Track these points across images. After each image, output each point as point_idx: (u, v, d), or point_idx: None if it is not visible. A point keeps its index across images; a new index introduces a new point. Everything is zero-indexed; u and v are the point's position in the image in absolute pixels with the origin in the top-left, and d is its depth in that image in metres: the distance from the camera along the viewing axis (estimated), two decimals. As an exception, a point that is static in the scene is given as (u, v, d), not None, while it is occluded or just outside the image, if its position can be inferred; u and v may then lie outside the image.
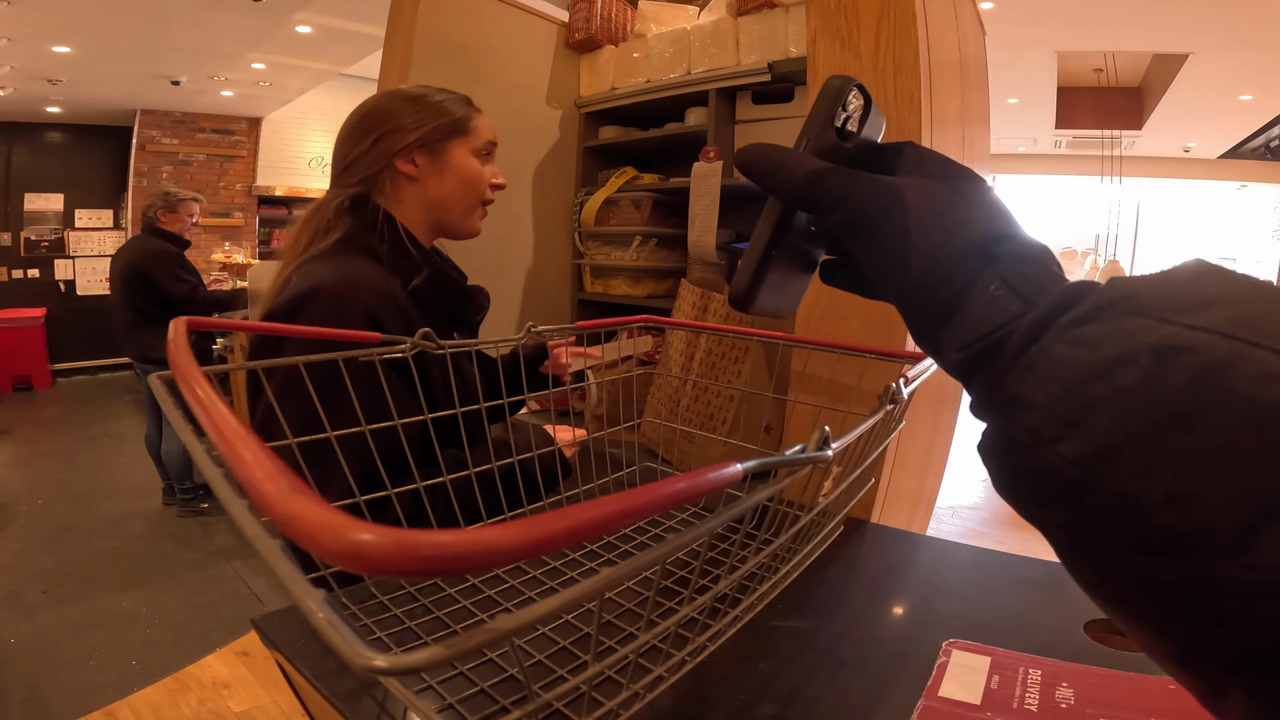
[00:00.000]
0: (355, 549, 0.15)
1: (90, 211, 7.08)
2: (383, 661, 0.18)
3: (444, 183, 0.98)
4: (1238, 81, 5.80)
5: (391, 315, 0.85)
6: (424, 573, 0.16)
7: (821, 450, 0.33)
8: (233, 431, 0.21)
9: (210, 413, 0.22)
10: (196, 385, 0.26)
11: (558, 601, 0.20)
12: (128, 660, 2.39)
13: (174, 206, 3.36)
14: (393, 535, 0.15)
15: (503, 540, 0.16)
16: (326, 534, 0.16)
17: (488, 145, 1.02)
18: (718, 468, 0.24)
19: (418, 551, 0.15)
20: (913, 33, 0.76)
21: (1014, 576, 0.67)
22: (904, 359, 0.69)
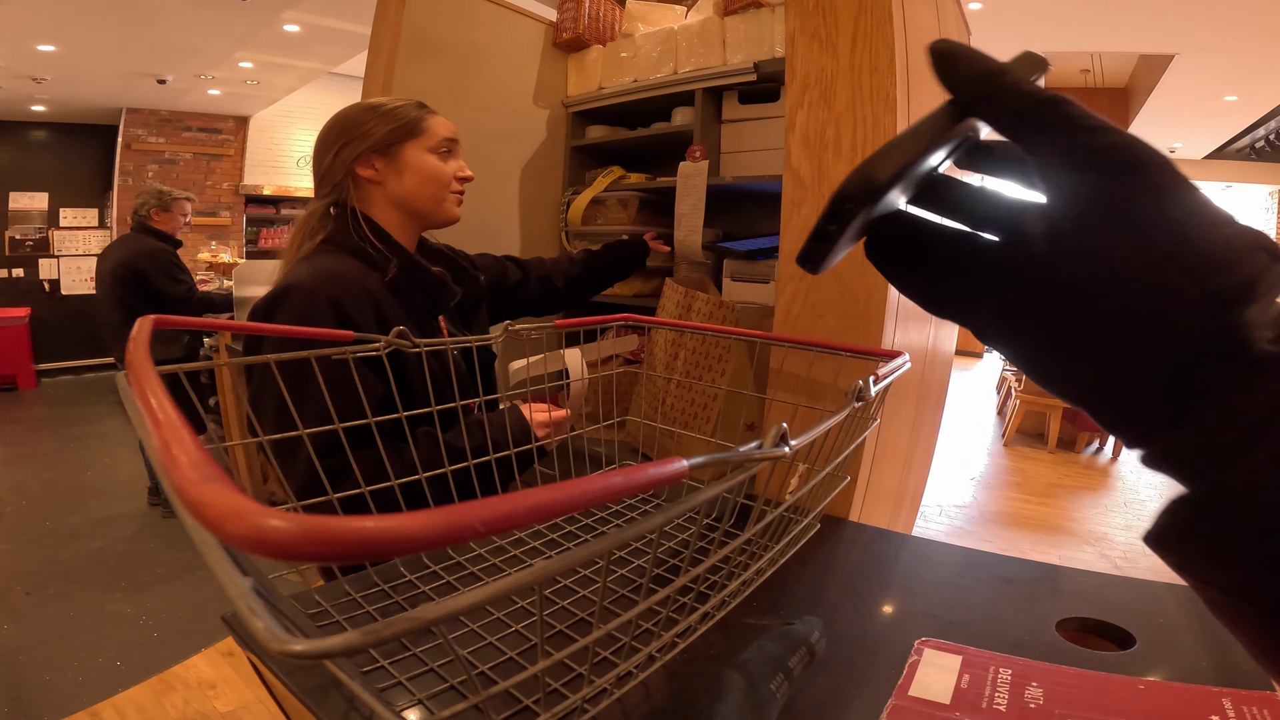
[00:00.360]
0: (261, 534, 0.15)
1: (75, 210, 7.02)
2: (300, 646, 0.18)
3: (404, 182, 1.05)
4: (1223, 82, 5.85)
5: (360, 306, 0.92)
6: (333, 558, 0.16)
7: (778, 447, 0.32)
8: (165, 425, 0.21)
9: (148, 407, 0.22)
10: (145, 383, 0.26)
11: (485, 593, 0.20)
12: (112, 661, 2.37)
13: (168, 205, 3.34)
14: (301, 521, 0.16)
15: (414, 528, 0.16)
16: (233, 520, 0.16)
17: (444, 142, 1.07)
18: (662, 463, 0.24)
19: (325, 537, 0.16)
20: (889, 32, 0.76)
21: (989, 575, 0.68)
22: (879, 357, 0.69)
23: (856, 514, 0.90)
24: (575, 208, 1.89)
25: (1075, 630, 0.58)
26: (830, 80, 0.81)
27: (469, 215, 1.75)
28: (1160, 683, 0.50)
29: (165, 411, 0.22)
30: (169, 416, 0.21)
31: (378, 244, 1.01)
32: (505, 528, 0.18)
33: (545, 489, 0.19)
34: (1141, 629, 0.57)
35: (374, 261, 0.99)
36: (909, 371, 1.22)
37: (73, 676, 2.27)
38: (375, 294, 0.96)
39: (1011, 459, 5.05)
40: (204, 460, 0.18)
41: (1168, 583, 0.67)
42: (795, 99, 0.84)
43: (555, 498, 0.19)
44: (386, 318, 0.95)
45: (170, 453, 0.19)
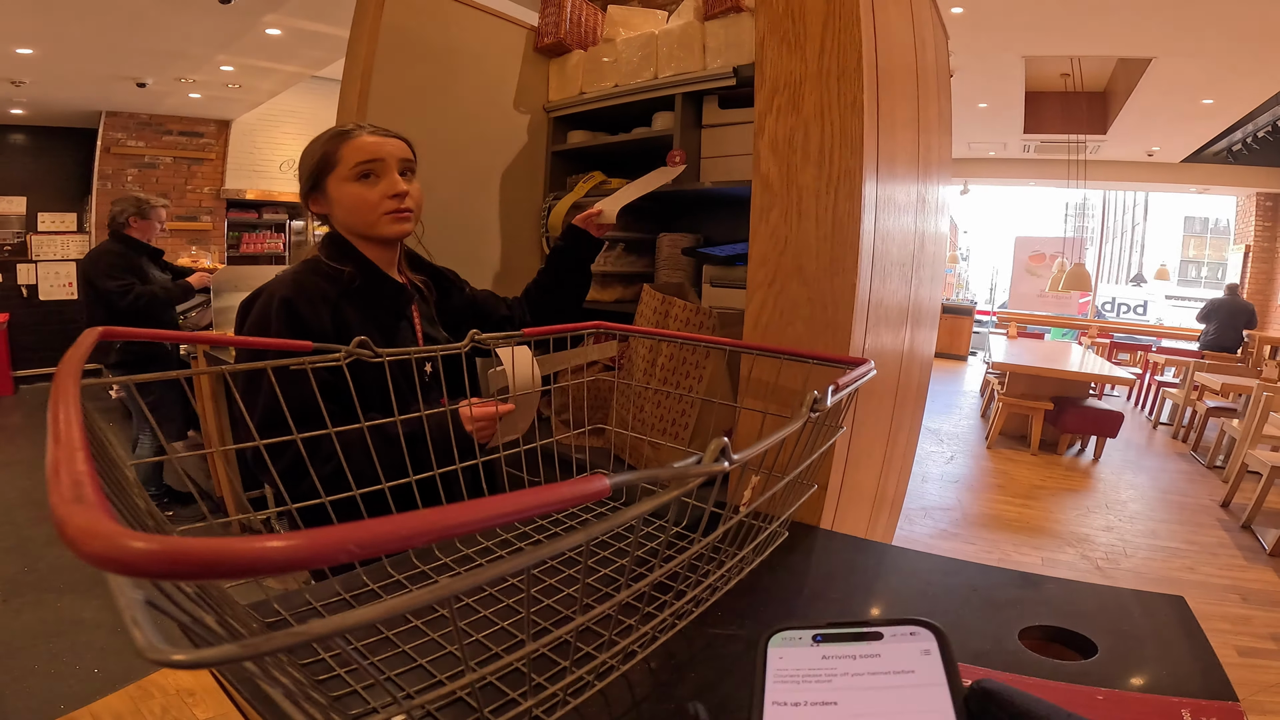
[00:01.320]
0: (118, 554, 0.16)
1: (53, 215, 6.92)
2: (180, 655, 0.18)
3: (339, 212, 1.11)
4: (1200, 86, 5.93)
5: (314, 308, 1.03)
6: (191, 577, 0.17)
7: (718, 461, 0.32)
8: (63, 444, 0.20)
9: (53, 422, 0.22)
10: (60, 398, 0.25)
11: (375, 611, 0.20)
12: (90, 668, 2.34)
13: (147, 214, 3.32)
14: (161, 542, 0.16)
15: (275, 550, 0.16)
16: (91, 540, 0.16)
17: (358, 167, 1.08)
18: (582, 481, 0.23)
19: (182, 558, 0.16)
20: (856, 35, 0.76)
21: (958, 582, 0.68)
22: (843, 364, 0.69)
23: (830, 520, 0.90)
24: (556, 213, 1.88)
25: (1039, 639, 0.58)
26: (799, 84, 0.81)
27: (449, 222, 1.74)
28: (1119, 693, 0.50)
29: (69, 429, 0.21)
30: (70, 435, 0.21)
31: (333, 261, 1.09)
32: (385, 551, 0.17)
33: (442, 510, 0.19)
34: (1104, 637, 0.57)
35: (334, 272, 1.08)
36: (884, 375, 1.22)
37: (50, 684, 2.24)
38: (333, 299, 1.06)
39: (995, 461, 5.08)
40: (86, 483, 0.18)
41: (1134, 590, 0.67)
42: (764, 104, 0.84)
43: (449, 519, 0.19)
44: (346, 320, 1.06)
45: (56, 471, 0.19)
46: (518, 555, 0.23)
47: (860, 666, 0.25)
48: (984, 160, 9.66)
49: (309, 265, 1.11)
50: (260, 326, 1.00)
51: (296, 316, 1.01)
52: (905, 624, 0.27)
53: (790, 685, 0.25)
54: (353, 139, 1.09)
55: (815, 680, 0.25)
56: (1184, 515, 4.09)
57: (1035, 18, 4.82)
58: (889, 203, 0.94)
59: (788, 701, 0.24)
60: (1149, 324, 11.07)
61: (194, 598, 0.30)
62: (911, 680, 0.24)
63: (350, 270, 1.09)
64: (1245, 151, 7.98)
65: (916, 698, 0.24)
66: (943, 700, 0.23)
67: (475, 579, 0.22)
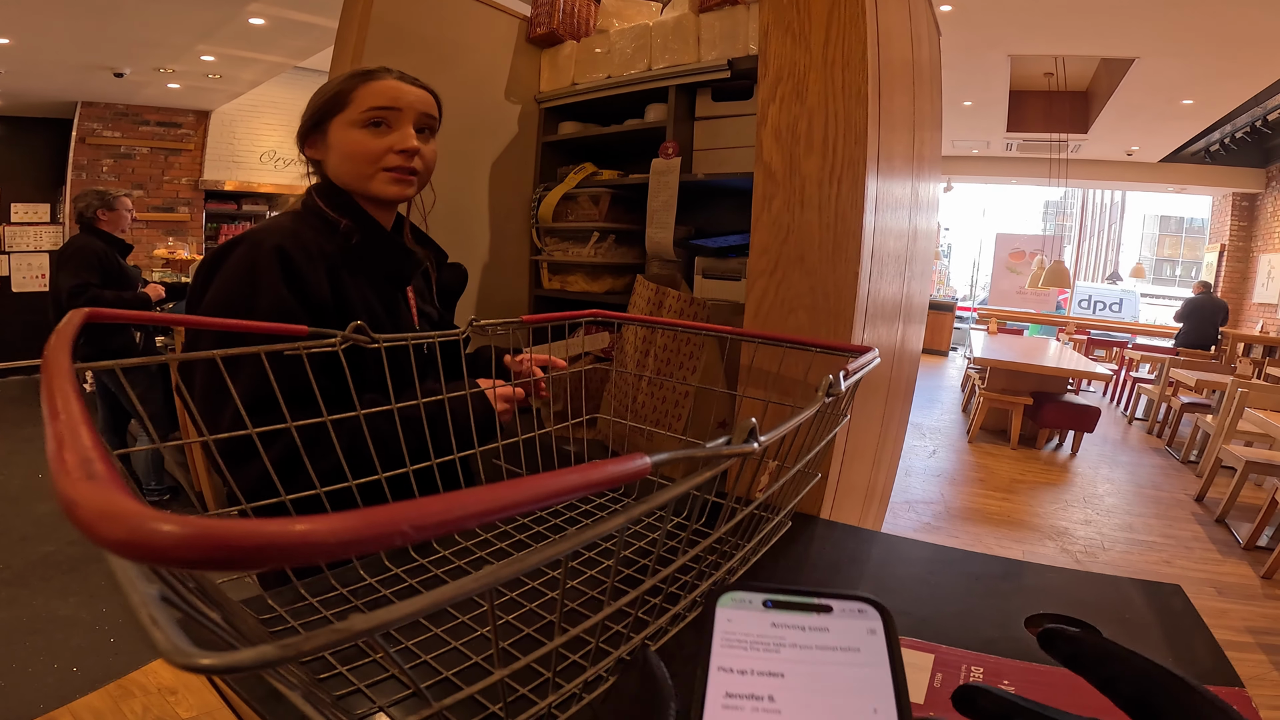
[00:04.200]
0: (141, 538, 0.14)
1: (26, 205, 6.78)
2: (207, 660, 0.16)
3: (333, 160, 0.98)
4: (1180, 86, 6.02)
5: (312, 263, 0.88)
6: (229, 565, 0.14)
7: (747, 443, 0.32)
8: (64, 419, 0.19)
9: (49, 398, 0.21)
10: (54, 375, 0.24)
11: (423, 602, 0.19)
12: (68, 666, 2.30)
13: (112, 205, 3.27)
14: (193, 524, 0.14)
15: (325, 532, 0.15)
16: (108, 522, 0.14)
17: (371, 113, 0.95)
18: (624, 460, 0.23)
19: (219, 542, 0.14)
20: (862, 27, 0.76)
21: (958, 571, 0.68)
22: (848, 352, 0.69)
23: (828, 511, 0.90)
24: (546, 204, 1.86)
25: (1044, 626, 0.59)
26: (803, 74, 0.81)
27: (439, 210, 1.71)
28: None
29: (67, 403, 0.20)
30: (71, 410, 0.20)
31: (333, 211, 0.96)
32: (440, 531, 0.16)
33: (493, 487, 0.18)
34: (1109, 625, 0.58)
35: (333, 225, 0.95)
36: (878, 368, 1.22)
37: (27, 683, 2.20)
38: (332, 256, 0.92)
39: (976, 455, 5.14)
40: (96, 459, 0.17)
41: (1132, 578, 0.67)
42: (768, 93, 0.83)
43: (502, 498, 0.18)
44: (342, 282, 0.92)
45: (60, 447, 0.17)
46: (555, 543, 0.23)
47: (808, 639, 0.25)
48: (967, 158, 9.75)
49: (296, 215, 0.96)
50: (242, 282, 0.83)
51: (294, 271, 0.85)
52: (854, 600, 0.26)
53: (738, 651, 0.24)
54: (373, 80, 0.96)
55: (763, 648, 0.24)
56: (1159, 509, 4.16)
57: (1022, 16, 4.87)
58: (887, 196, 0.94)
59: (734, 668, 0.23)
60: (1125, 321, 11.24)
61: (197, 592, 0.29)
62: (857, 659, 0.24)
63: (348, 223, 0.95)
64: (1222, 152, 8.12)
65: (860, 678, 0.23)
66: (884, 683, 0.23)
67: (519, 565, 0.21)
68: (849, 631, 0.25)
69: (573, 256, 1.82)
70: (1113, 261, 14.63)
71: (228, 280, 0.84)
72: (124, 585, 0.17)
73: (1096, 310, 11.88)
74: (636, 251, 1.80)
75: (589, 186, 1.84)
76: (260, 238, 0.86)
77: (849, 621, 0.26)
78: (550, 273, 1.92)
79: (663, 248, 1.62)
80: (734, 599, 0.27)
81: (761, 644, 0.24)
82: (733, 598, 0.27)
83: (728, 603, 0.26)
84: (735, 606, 0.26)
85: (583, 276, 1.84)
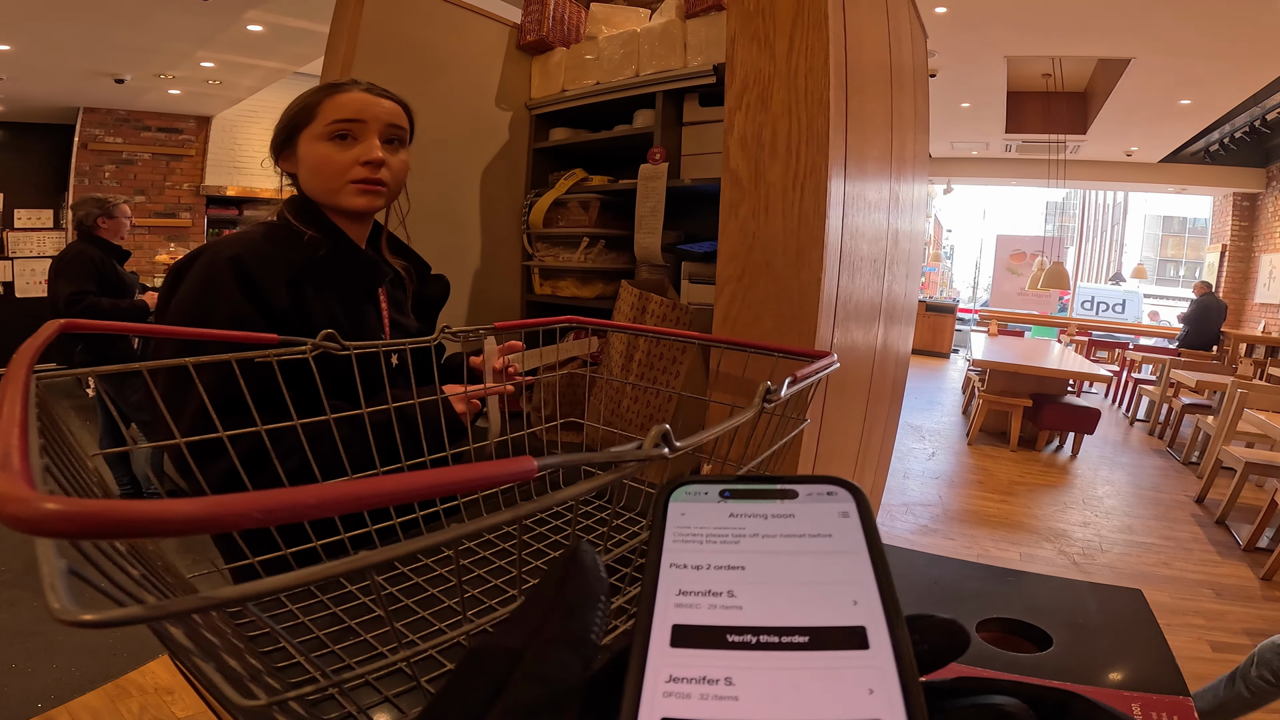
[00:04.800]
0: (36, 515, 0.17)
1: (29, 211, 6.84)
2: (89, 615, 0.19)
3: (303, 173, 0.99)
4: (1178, 86, 6.02)
5: (270, 274, 0.89)
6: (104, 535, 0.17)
7: (658, 448, 0.32)
8: (2, 418, 0.21)
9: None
10: (10, 379, 0.26)
11: (282, 580, 0.21)
12: (67, 667, 2.32)
13: (112, 212, 3.28)
14: (74, 503, 0.17)
15: (181, 511, 0.18)
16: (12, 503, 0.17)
17: (334, 125, 0.96)
18: (510, 462, 0.24)
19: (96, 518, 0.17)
20: (824, 34, 0.77)
21: (918, 575, 0.69)
22: (807, 357, 0.70)
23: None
24: (537, 210, 1.88)
25: (997, 631, 0.60)
26: (768, 82, 0.82)
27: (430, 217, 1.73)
28: (1071, 686, 0.52)
29: (10, 407, 0.22)
30: (10, 412, 0.21)
31: (300, 223, 0.97)
32: (286, 519, 0.18)
33: (354, 481, 0.20)
34: (1060, 630, 0.59)
35: (300, 237, 0.96)
36: (856, 370, 1.24)
37: (26, 683, 2.22)
38: (296, 267, 0.93)
39: (975, 458, 5.14)
40: (14, 453, 0.19)
41: (1092, 583, 0.68)
42: (734, 101, 0.85)
43: (359, 490, 0.19)
44: (304, 293, 0.93)
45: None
46: (446, 530, 0.24)
47: (772, 527, 0.22)
48: (967, 159, 9.76)
49: (266, 226, 0.98)
50: (202, 292, 0.85)
51: (251, 282, 0.87)
52: (821, 483, 0.24)
53: (692, 546, 0.22)
54: (338, 94, 0.97)
55: (720, 541, 0.22)
56: (1159, 511, 4.15)
57: (1017, 17, 4.88)
58: (859, 199, 0.96)
59: (688, 564, 0.21)
60: (1127, 322, 11.22)
61: (134, 566, 0.31)
62: (828, 545, 0.22)
63: (314, 235, 0.96)
64: (1222, 152, 8.11)
65: (833, 564, 0.21)
66: (862, 568, 0.21)
67: (393, 552, 0.23)
68: (817, 516, 0.23)
69: (563, 262, 1.84)
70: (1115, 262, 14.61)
71: (190, 289, 0.86)
72: (40, 558, 0.19)
73: (1099, 311, 11.86)
74: (626, 257, 1.82)
75: (579, 192, 1.86)
76: (219, 249, 0.89)
77: (817, 506, 0.23)
78: (541, 278, 1.94)
79: (651, 253, 1.64)
80: (688, 492, 0.24)
81: (719, 536, 0.22)
82: (687, 491, 0.24)
83: (681, 496, 0.24)
84: (689, 500, 0.24)
85: (573, 282, 1.86)
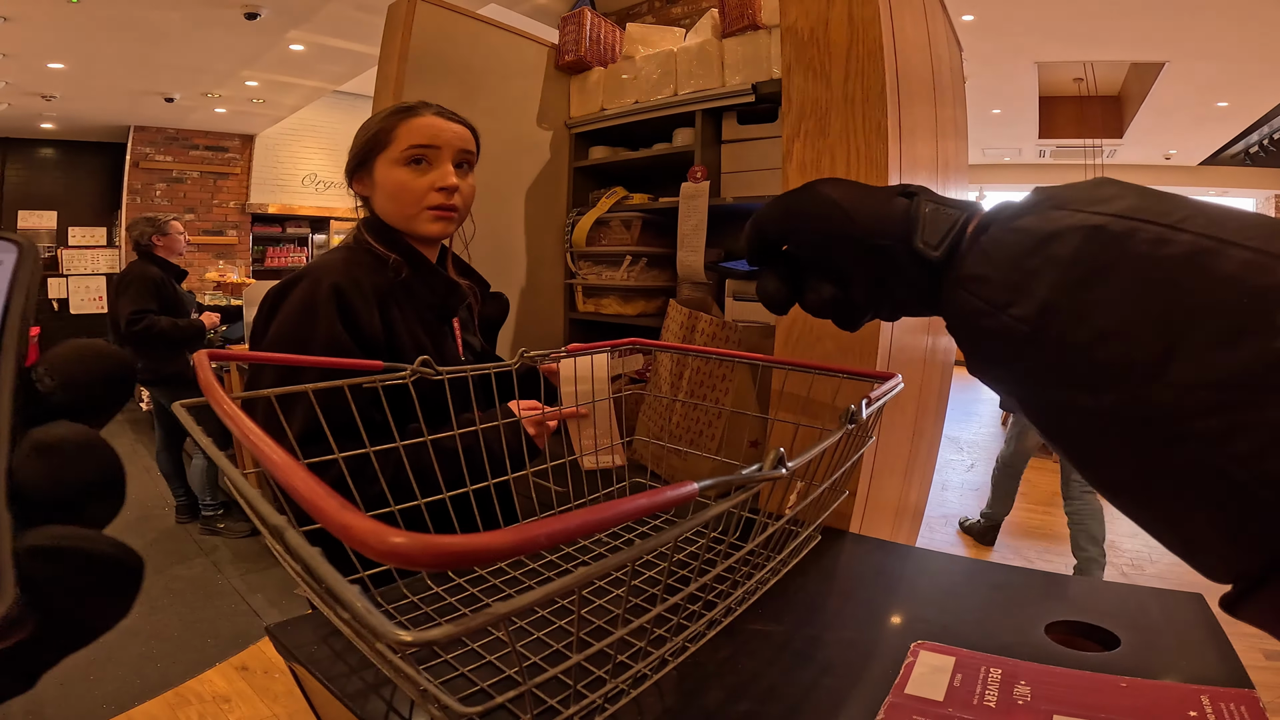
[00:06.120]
0: (392, 549, 0.21)
1: (83, 229, 7.09)
2: (408, 635, 0.23)
3: (379, 197, 1.03)
4: (1215, 89, 5.91)
5: (364, 299, 0.93)
6: (437, 566, 0.22)
7: (776, 469, 0.36)
8: (283, 460, 0.25)
9: (258, 444, 0.27)
10: (240, 422, 0.30)
11: (545, 591, 0.25)
12: (128, 675, 2.40)
13: (165, 230, 3.39)
14: (418, 539, 0.21)
15: (497, 543, 0.22)
16: (372, 538, 0.21)
17: (410, 151, 0.99)
18: (676, 487, 0.28)
19: (435, 550, 0.21)
20: (880, 62, 0.80)
21: (979, 581, 0.71)
22: (873, 378, 0.72)
23: (857, 526, 0.93)
24: (580, 229, 1.93)
25: (1063, 633, 0.62)
26: (825, 111, 0.85)
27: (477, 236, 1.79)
28: (1141, 681, 0.54)
29: (273, 448, 0.26)
30: (280, 452, 0.26)
31: (382, 247, 1.00)
32: (563, 539, 0.22)
33: (588, 510, 0.24)
34: (1126, 631, 0.61)
35: (383, 260, 0.99)
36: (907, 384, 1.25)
37: (89, 690, 2.30)
38: (382, 291, 0.96)
39: (1015, 468, 5.06)
40: (330, 490, 0.24)
41: (1153, 588, 0.70)
42: (792, 129, 0.88)
43: (599, 517, 0.24)
44: (391, 317, 0.96)
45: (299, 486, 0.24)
46: (624, 551, 0.28)
47: None
48: (999, 166, 9.64)
49: (348, 250, 1.01)
50: (303, 318, 0.89)
51: (349, 310, 0.91)
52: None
53: None
54: (412, 118, 1.00)
55: None
56: (1209, 520, 4.05)
57: (1045, 24, 4.84)
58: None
59: None
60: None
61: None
62: None
63: (397, 259, 1.00)
64: (1263, 154, 7.91)
65: None
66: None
67: (603, 566, 0.27)
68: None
69: (606, 280, 1.88)
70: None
71: (289, 315, 0.90)
72: (338, 588, 0.24)
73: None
74: (668, 274, 1.85)
75: (620, 211, 1.90)
76: (319, 275, 0.92)
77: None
78: (584, 296, 1.98)
79: (694, 271, 1.67)
80: None
81: None
82: None
83: None
84: None
85: (616, 299, 1.89)
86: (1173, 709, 0.51)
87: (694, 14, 2.28)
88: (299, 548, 0.26)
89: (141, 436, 5.46)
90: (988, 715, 0.50)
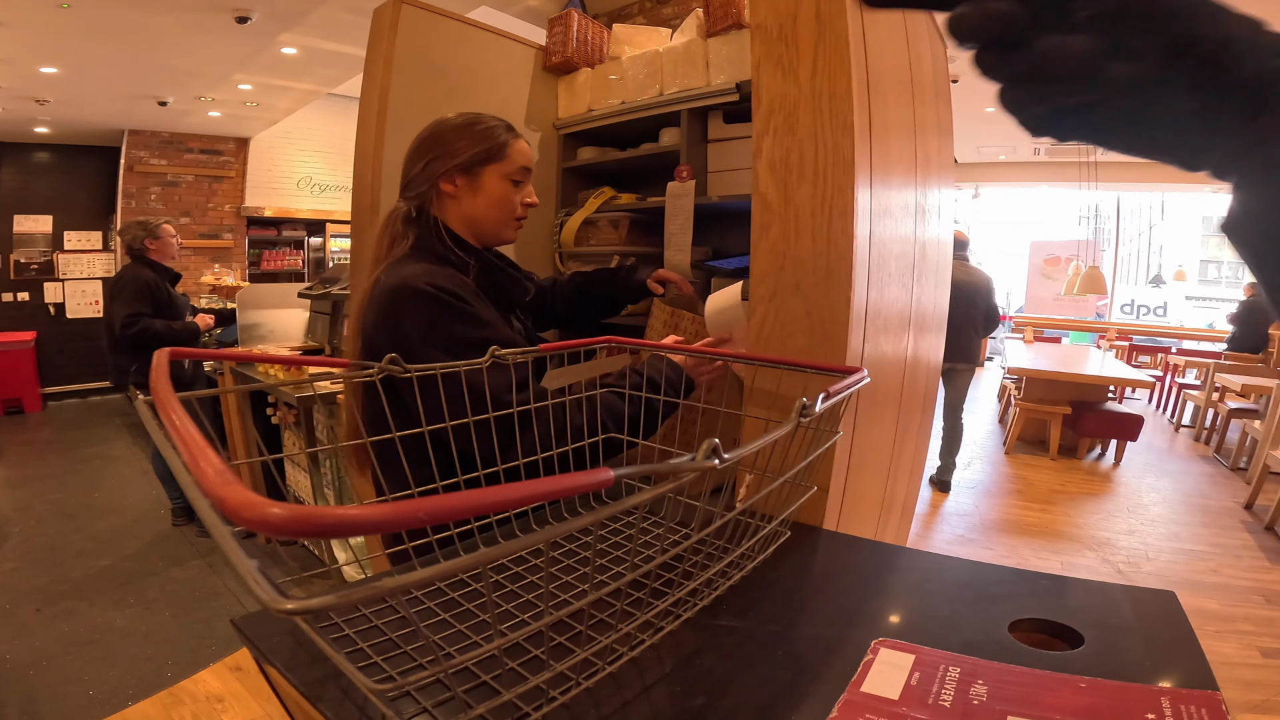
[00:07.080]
0: (265, 518, 0.22)
1: (79, 233, 7.10)
2: (291, 604, 0.23)
3: (476, 202, 1.12)
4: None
5: (477, 300, 1.04)
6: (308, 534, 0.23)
7: (709, 459, 0.36)
8: (194, 444, 0.25)
9: (177, 431, 0.27)
10: (170, 409, 0.30)
11: (437, 570, 0.25)
12: (122, 675, 2.41)
13: (157, 234, 3.41)
14: (294, 509, 0.22)
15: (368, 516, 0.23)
16: (246, 510, 0.22)
17: (521, 170, 1.14)
18: (589, 473, 0.27)
19: (307, 520, 0.22)
20: (846, 58, 0.80)
21: (948, 579, 0.71)
22: (839, 373, 0.72)
23: (834, 523, 0.93)
24: (568, 229, 1.93)
25: (1028, 631, 0.61)
26: (793, 107, 0.85)
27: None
28: (1101, 681, 0.53)
29: (191, 434, 0.26)
30: (196, 438, 0.26)
31: (458, 250, 1.10)
32: (446, 518, 0.23)
33: (481, 491, 0.24)
34: (1092, 630, 0.60)
35: (458, 265, 1.09)
36: (886, 382, 1.25)
37: (83, 690, 2.31)
38: (468, 287, 1.06)
39: (1013, 467, 5.06)
40: (225, 469, 0.25)
41: (1126, 585, 0.69)
42: (761, 125, 0.88)
43: (492, 499, 0.24)
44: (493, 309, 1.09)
45: (199, 464, 0.24)
46: (535, 533, 0.28)
47: None
48: (994, 164, 9.64)
49: (429, 258, 1.08)
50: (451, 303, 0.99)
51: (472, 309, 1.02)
52: None
53: None
54: (519, 140, 1.15)
55: None
56: (1207, 518, 4.05)
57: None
58: (885, 213, 0.98)
59: None
60: (1169, 326, 10.93)
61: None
62: None
63: (476, 264, 1.11)
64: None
65: None
66: None
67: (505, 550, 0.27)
68: None
69: (593, 278, 1.87)
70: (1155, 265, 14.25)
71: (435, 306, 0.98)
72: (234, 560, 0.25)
73: (1140, 315, 11.56)
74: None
75: (608, 210, 1.90)
76: (436, 288, 0.99)
77: None
78: (572, 293, 1.97)
79: (680, 269, 1.67)
80: None
81: None
82: None
83: None
84: None
85: (602, 296, 1.89)
86: (1131, 710, 0.50)
87: (684, 14, 2.27)
88: (212, 526, 0.26)
89: (138, 440, 5.47)
90: (942, 715, 0.50)
